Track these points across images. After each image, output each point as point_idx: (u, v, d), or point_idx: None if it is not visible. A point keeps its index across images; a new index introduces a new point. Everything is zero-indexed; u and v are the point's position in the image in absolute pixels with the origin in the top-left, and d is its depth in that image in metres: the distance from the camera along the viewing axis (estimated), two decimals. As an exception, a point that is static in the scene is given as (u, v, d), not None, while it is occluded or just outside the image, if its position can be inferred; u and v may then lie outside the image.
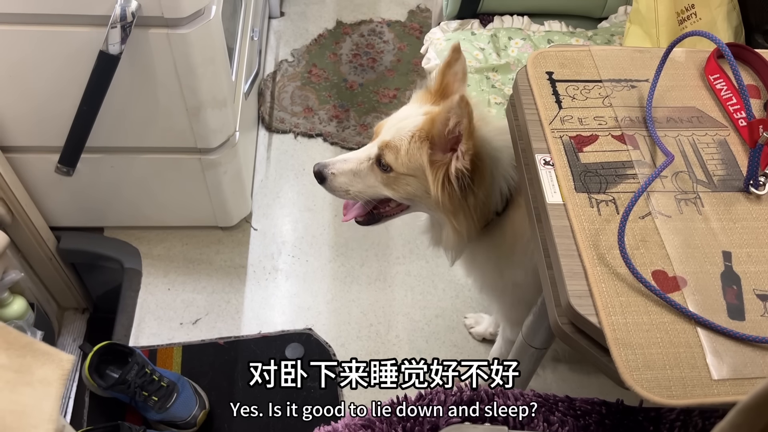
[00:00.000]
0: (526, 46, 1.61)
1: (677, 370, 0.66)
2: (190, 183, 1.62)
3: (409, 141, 1.00)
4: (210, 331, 1.65)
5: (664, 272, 0.73)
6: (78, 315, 1.88)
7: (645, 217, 0.78)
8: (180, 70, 1.32)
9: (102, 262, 1.78)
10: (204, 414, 1.46)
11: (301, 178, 1.96)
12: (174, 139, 1.49)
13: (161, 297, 1.71)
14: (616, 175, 0.82)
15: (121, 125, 1.45)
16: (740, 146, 0.86)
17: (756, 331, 0.68)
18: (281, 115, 2.09)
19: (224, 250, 1.80)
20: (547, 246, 0.79)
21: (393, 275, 1.76)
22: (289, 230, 1.85)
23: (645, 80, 0.92)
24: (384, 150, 1.02)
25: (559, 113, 0.88)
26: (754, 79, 0.94)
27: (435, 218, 1.11)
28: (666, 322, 0.70)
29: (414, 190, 1.03)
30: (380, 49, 2.29)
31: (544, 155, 0.84)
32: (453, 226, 1.02)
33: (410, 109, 1.08)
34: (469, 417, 0.89)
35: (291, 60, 2.25)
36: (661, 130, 0.87)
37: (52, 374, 0.47)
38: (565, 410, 0.90)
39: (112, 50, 1.21)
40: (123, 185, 1.63)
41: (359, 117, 2.09)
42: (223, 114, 1.49)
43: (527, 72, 0.93)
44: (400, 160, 1.01)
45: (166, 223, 1.80)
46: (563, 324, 0.74)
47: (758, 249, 0.75)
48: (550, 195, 0.81)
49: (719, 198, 0.80)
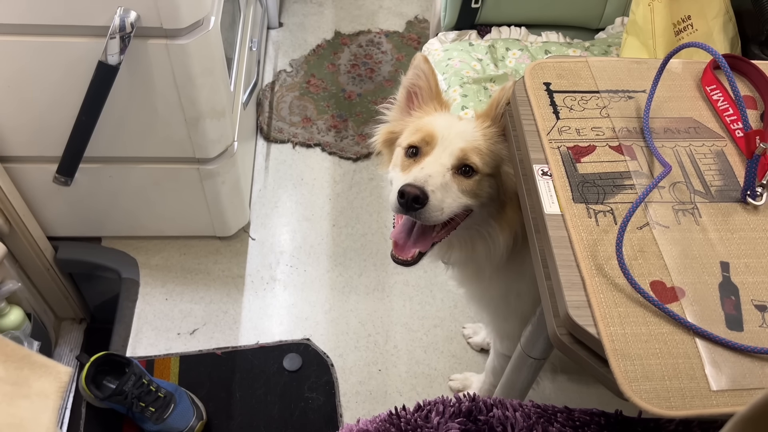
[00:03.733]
0: (524, 57, 1.62)
1: (676, 381, 0.66)
2: (189, 193, 1.62)
3: (485, 139, 0.99)
4: (208, 342, 1.64)
5: (663, 283, 0.73)
6: (75, 325, 1.88)
7: (643, 227, 0.78)
8: (179, 81, 1.33)
9: (99, 272, 1.78)
10: (201, 425, 1.45)
11: (300, 188, 1.96)
12: (172, 149, 1.49)
13: (159, 307, 1.71)
14: (614, 185, 0.82)
15: (119, 135, 1.45)
16: (737, 157, 0.86)
17: (754, 342, 0.68)
18: (280, 125, 2.10)
19: (222, 260, 1.80)
20: (546, 257, 0.79)
21: (391, 285, 1.76)
22: (287, 240, 1.85)
23: (642, 91, 0.93)
24: (468, 154, 0.98)
25: (557, 124, 0.89)
26: (751, 90, 0.95)
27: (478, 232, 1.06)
28: (664, 332, 0.69)
29: (493, 192, 1.01)
30: (378, 59, 2.30)
31: (542, 166, 0.84)
32: (510, 230, 1.00)
33: (446, 119, 1.05)
34: (468, 428, 0.88)
35: (289, 70, 2.26)
36: (659, 140, 0.87)
37: (49, 387, 0.46)
38: (563, 421, 0.90)
39: (111, 61, 1.21)
40: (121, 195, 1.63)
41: (357, 127, 2.10)
42: (222, 124, 1.49)
43: (525, 83, 0.94)
44: (484, 160, 0.98)
45: (164, 233, 1.80)
46: (562, 335, 0.74)
47: (756, 259, 0.76)
48: (548, 205, 0.81)
49: (717, 208, 0.80)
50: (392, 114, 1.15)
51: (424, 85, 1.08)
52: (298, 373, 1.58)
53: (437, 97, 1.08)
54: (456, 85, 1.52)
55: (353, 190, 1.96)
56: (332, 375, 1.58)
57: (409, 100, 1.11)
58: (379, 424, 0.90)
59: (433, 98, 1.08)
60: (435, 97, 1.08)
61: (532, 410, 0.91)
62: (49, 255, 1.69)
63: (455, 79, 1.54)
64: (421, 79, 1.08)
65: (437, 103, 1.08)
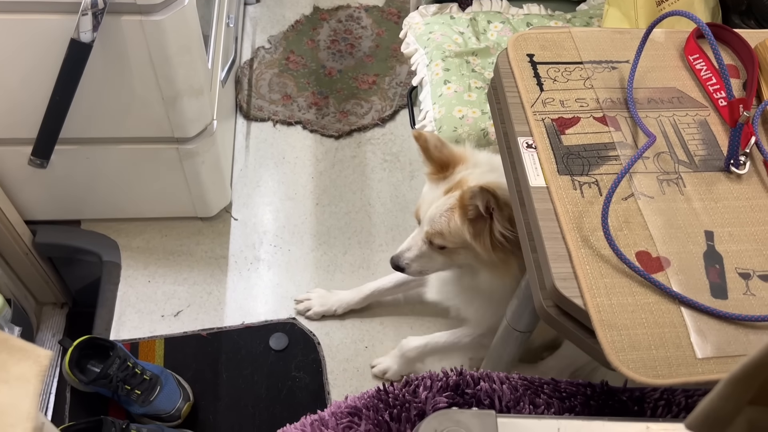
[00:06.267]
0: (506, 30, 1.61)
1: (662, 350, 0.67)
2: (168, 173, 1.60)
3: (448, 222, 1.11)
4: (192, 323, 1.63)
5: (648, 253, 0.73)
6: (57, 310, 1.85)
7: (628, 198, 0.78)
8: (155, 58, 1.30)
9: (80, 255, 1.75)
10: (188, 406, 1.45)
11: (282, 167, 1.94)
12: (150, 129, 1.47)
13: (141, 290, 1.69)
14: (599, 156, 0.82)
15: (95, 115, 1.41)
16: (720, 126, 0.86)
17: (738, 309, 0.69)
18: (259, 103, 2.07)
19: (205, 240, 1.78)
20: (531, 229, 0.79)
21: (376, 263, 1.76)
22: (270, 220, 1.84)
23: (625, 61, 0.92)
24: (431, 237, 1.15)
25: (541, 96, 0.88)
26: (733, 58, 0.95)
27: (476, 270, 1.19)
28: (650, 302, 0.70)
29: (468, 257, 1.16)
30: (358, 34, 2.27)
31: (526, 138, 0.84)
32: (505, 272, 1.12)
33: (432, 193, 1.17)
34: (456, 402, 0.89)
35: (268, 47, 2.22)
36: (642, 111, 0.87)
37: (29, 371, 0.45)
38: (550, 392, 0.90)
39: (83, 38, 1.18)
40: (99, 177, 1.60)
41: (339, 104, 2.07)
42: (200, 103, 1.46)
43: (508, 54, 0.93)
44: (448, 240, 1.13)
45: (144, 215, 1.77)
46: (548, 307, 0.74)
47: (740, 228, 0.76)
48: (533, 178, 0.80)
49: (701, 178, 0.80)
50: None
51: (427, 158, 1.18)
52: (284, 352, 1.57)
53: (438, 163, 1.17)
54: (438, 59, 1.51)
55: (336, 168, 1.95)
56: (319, 353, 1.58)
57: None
58: (368, 401, 0.90)
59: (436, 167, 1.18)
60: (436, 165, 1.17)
61: (518, 382, 0.92)
62: (27, 239, 1.66)
63: (437, 53, 1.52)
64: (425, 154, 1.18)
65: (439, 168, 1.17)
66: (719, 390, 0.34)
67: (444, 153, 1.16)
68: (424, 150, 1.17)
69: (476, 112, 1.35)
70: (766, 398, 0.33)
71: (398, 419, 0.86)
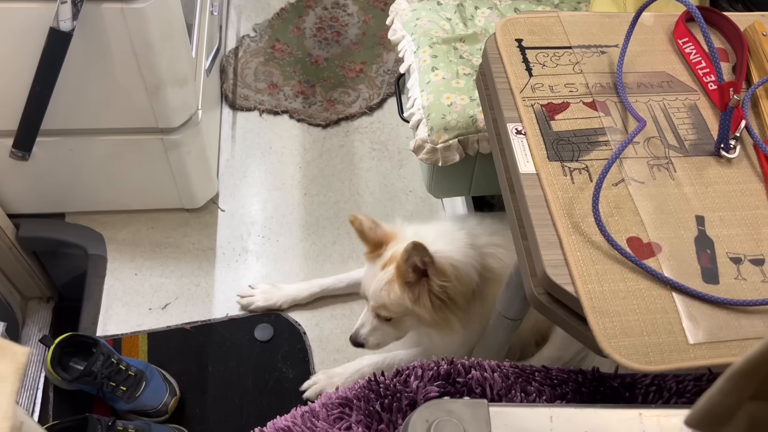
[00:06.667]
0: (493, 16, 1.59)
1: (654, 336, 0.66)
2: (153, 164, 1.58)
3: (388, 295, 1.22)
4: (180, 316, 1.62)
5: (639, 239, 0.73)
6: (43, 304, 1.83)
7: (618, 184, 0.78)
8: (137, 47, 1.27)
9: (65, 249, 1.73)
10: (175, 401, 1.43)
11: (269, 157, 1.92)
12: (134, 120, 1.44)
13: (128, 283, 1.67)
14: (589, 142, 0.81)
15: (77, 106, 1.39)
16: (710, 110, 0.85)
17: (730, 294, 0.69)
18: (245, 92, 2.04)
19: (192, 232, 1.76)
20: (521, 216, 0.78)
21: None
22: (257, 210, 1.82)
23: (615, 45, 0.91)
24: (377, 310, 1.27)
25: (530, 81, 0.87)
26: (722, 42, 0.94)
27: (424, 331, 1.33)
28: (642, 288, 0.69)
29: (414, 322, 1.28)
30: (345, 22, 2.24)
31: (515, 124, 0.83)
32: (449, 329, 1.25)
33: (371, 271, 1.28)
34: (447, 391, 0.88)
35: (253, 35, 2.19)
36: (632, 95, 0.86)
37: (5, 369, 0.44)
38: (541, 380, 0.90)
39: (63, 27, 1.15)
40: (83, 169, 1.57)
41: (326, 92, 2.05)
42: (185, 92, 1.44)
43: (496, 40, 0.91)
44: (392, 310, 1.24)
45: (130, 207, 1.75)
46: (539, 294, 0.74)
47: (730, 212, 0.76)
48: (523, 165, 0.79)
49: (691, 162, 0.80)
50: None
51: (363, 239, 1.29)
52: (270, 343, 1.56)
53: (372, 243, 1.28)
54: (425, 45, 1.49)
55: (324, 158, 1.93)
56: (305, 343, 1.57)
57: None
58: (358, 391, 0.89)
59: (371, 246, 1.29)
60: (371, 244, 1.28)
61: (510, 370, 0.91)
62: (11, 233, 1.63)
63: (424, 40, 1.50)
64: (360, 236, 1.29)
65: (374, 247, 1.28)
66: (719, 385, 0.33)
67: (377, 233, 1.28)
68: (359, 232, 1.28)
69: (465, 99, 1.34)
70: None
71: (389, 409, 0.86)
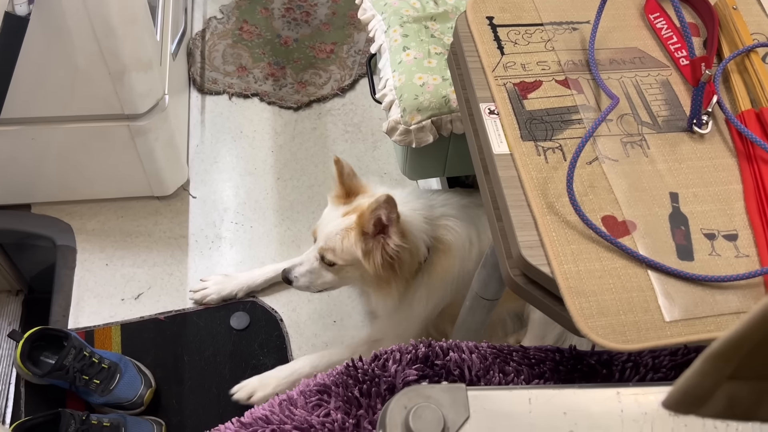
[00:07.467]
0: (464, -7, 1.57)
1: (631, 315, 0.66)
2: (121, 152, 1.54)
3: (342, 240, 1.23)
4: (154, 305, 1.59)
5: (614, 217, 0.73)
6: (12, 297, 1.78)
7: (592, 162, 0.77)
8: (98, 31, 1.23)
9: (32, 240, 1.69)
10: (151, 392, 1.41)
11: (239, 141, 1.89)
12: (98, 106, 1.40)
13: (99, 273, 1.63)
14: (562, 121, 0.80)
15: (37, 94, 1.34)
16: (682, 86, 0.85)
17: (705, 271, 0.69)
18: (213, 75, 2.00)
19: (163, 220, 1.73)
20: (496, 198, 0.78)
21: (341, 235, 1.73)
22: (230, 196, 1.79)
23: (586, 22, 0.90)
24: (324, 252, 1.27)
25: (502, 59, 0.86)
26: (693, 16, 0.93)
27: (366, 290, 1.36)
28: (618, 267, 0.69)
29: (356, 275, 1.30)
30: (314, 2, 2.20)
31: (488, 104, 0.82)
32: (387, 293, 1.28)
33: (331, 214, 1.30)
34: (426, 374, 0.88)
35: (220, 17, 2.14)
36: (605, 72, 0.85)
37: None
38: (519, 360, 0.90)
39: (18, 11, 1.11)
40: (47, 158, 1.53)
41: (296, 74, 2.02)
42: (150, 77, 1.40)
43: (467, 18, 0.90)
44: (339, 256, 1.25)
45: (98, 196, 1.71)
46: (515, 276, 0.73)
47: (704, 188, 0.76)
48: (497, 145, 0.78)
49: (664, 139, 0.80)
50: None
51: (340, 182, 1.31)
52: (246, 331, 1.55)
53: (345, 189, 1.31)
54: (396, 24, 1.47)
55: (296, 141, 1.90)
56: (282, 330, 1.56)
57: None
58: (336, 377, 0.88)
59: (343, 191, 1.31)
60: (344, 190, 1.31)
61: (488, 351, 0.91)
62: (-26, 226, 1.59)
63: (395, 19, 1.48)
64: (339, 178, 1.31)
65: (345, 193, 1.31)
66: (697, 366, 0.32)
67: (353, 181, 1.31)
68: (340, 175, 1.29)
69: (437, 79, 1.32)
70: (746, 372, 0.32)
71: (368, 394, 0.85)
